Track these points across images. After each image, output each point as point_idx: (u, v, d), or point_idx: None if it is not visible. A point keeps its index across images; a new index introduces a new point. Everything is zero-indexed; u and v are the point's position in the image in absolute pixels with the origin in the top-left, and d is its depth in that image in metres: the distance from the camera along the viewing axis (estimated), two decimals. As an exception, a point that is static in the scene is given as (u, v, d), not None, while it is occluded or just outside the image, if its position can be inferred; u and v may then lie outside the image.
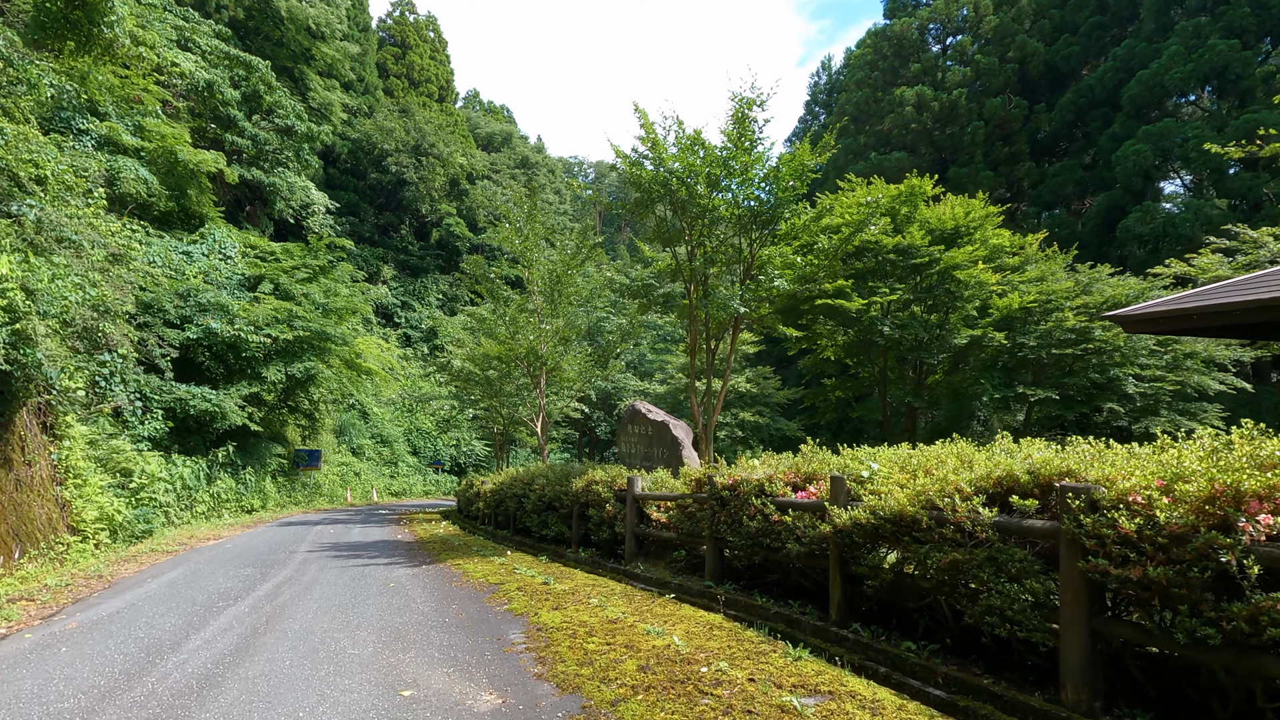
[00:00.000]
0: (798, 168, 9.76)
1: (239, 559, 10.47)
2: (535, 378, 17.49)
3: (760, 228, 10.50)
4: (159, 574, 9.31)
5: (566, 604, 6.17)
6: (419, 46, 62.37)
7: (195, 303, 18.63)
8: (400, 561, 9.85)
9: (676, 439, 12.50)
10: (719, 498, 6.53)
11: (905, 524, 4.37)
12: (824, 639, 4.97)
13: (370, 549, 11.58)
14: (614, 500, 8.70)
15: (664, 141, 10.11)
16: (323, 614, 6.27)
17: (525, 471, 12.51)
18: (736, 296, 10.25)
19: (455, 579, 8.07)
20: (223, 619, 6.16)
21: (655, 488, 8.43)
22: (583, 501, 9.39)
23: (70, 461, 11.89)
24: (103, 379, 14.98)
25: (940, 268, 15.45)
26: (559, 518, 10.39)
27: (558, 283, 17.22)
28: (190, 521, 16.36)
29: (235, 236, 24.22)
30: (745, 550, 6.18)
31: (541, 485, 10.91)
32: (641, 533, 8.19)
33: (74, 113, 21.02)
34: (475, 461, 43.59)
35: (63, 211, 15.51)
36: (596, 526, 8.99)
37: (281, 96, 34.38)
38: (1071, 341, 15.08)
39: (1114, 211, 25.80)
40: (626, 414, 14.06)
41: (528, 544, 11.38)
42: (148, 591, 7.83)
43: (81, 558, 11.03)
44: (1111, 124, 26.14)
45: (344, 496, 28.95)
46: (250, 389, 19.26)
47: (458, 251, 54.62)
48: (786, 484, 5.95)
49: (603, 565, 8.62)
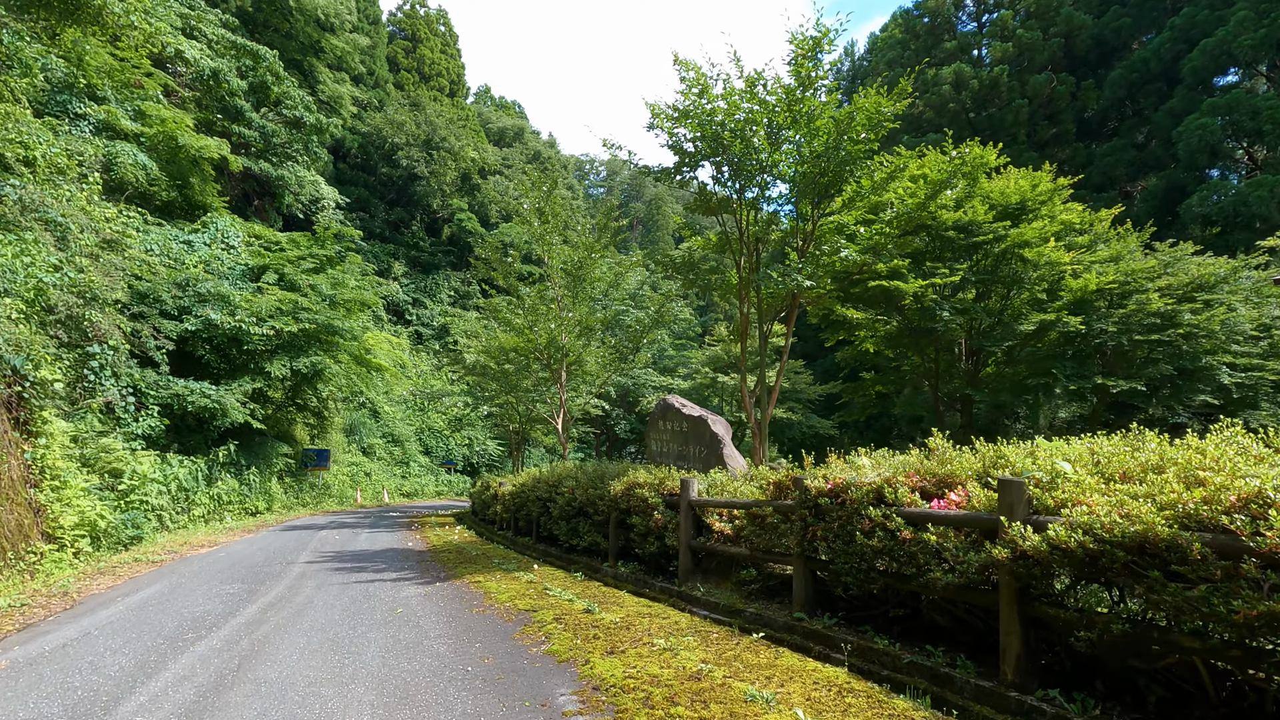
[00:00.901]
0: (873, 116, 8.30)
1: (228, 571, 9.18)
2: (555, 371, 16.13)
3: (824, 190, 9.04)
4: (133, 590, 8.04)
5: (623, 644, 4.77)
6: (429, 40, 61.39)
7: (194, 293, 17.47)
8: (410, 576, 8.51)
9: (716, 435, 11.10)
10: (813, 506, 5.11)
11: (1153, 552, 2.93)
12: (998, 708, 3.53)
13: (377, 559, 10.26)
14: (663, 507, 7.29)
15: (713, 91, 8.68)
16: (311, 653, 4.93)
17: (549, 472, 11.14)
18: (797, 269, 8.79)
19: (476, 602, 6.70)
20: (184, 660, 4.83)
21: (714, 491, 7.02)
22: (623, 508, 8.00)
23: (47, 461, 10.66)
24: (92, 372, 13.80)
25: (1006, 245, 13.89)
26: (592, 526, 9.00)
27: (579, 268, 15.84)
28: (187, 526, 15.17)
29: (239, 226, 23.10)
30: (855, 575, 4.75)
31: (570, 488, 9.53)
32: (700, 546, 6.77)
33: (71, 96, 19.96)
34: (488, 461, 42.39)
35: (51, 193, 14.39)
36: (641, 538, 7.59)
37: (290, 87, 33.36)
38: (1156, 326, 13.46)
39: (1173, 192, 23.99)
40: (657, 409, 12.67)
41: (555, 555, 10.01)
42: (111, 616, 6.54)
43: (56, 569, 9.82)
44: (1168, 99, 24.36)
45: (354, 498, 27.79)
46: (253, 385, 18.07)
47: (469, 248, 53.47)
48: (913, 490, 4.52)
49: (649, 584, 7.22)
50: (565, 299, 15.96)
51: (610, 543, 8.50)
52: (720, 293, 10.32)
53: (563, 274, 16.25)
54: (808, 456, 5.92)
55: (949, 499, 4.31)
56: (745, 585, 6.36)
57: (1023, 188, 14.75)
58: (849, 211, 9.55)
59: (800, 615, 5.22)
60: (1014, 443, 4.68)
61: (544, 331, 15.20)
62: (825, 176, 8.79)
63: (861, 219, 9.60)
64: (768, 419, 9.42)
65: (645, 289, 27.89)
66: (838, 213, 9.57)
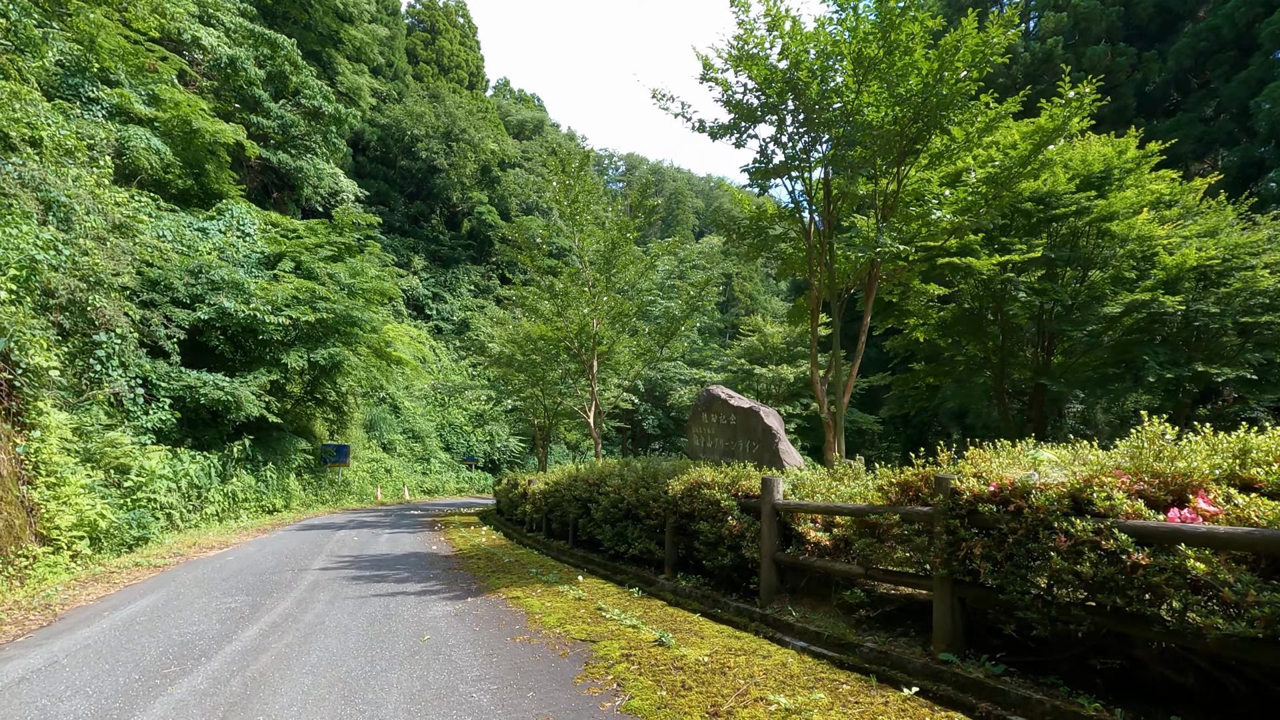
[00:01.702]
0: (978, 48, 6.99)
1: (233, 579, 8.18)
2: (586, 361, 14.99)
3: (911, 142, 7.74)
4: (124, 602, 7.05)
5: (725, 699, 3.57)
6: (448, 31, 60.65)
7: (207, 280, 16.62)
8: (437, 589, 7.41)
9: (769, 429, 9.85)
10: (966, 515, 3.87)
11: None
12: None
13: (399, 566, 9.20)
14: (738, 511, 6.08)
15: (784, 27, 7.41)
16: (315, 702, 3.82)
17: (589, 469, 9.99)
18: (883, 232, 7.49)
19: (517, 625, 5.56)
20: (156, 710, 3.75)
21: (802, 493, 5.80)
22: (684, 511, 6.80)
23: (42, 455, 9.76)
24: (98, 361, 12.97)
25: (1091, 218, 12.44)
26: (643, 531, 7.82)
27: (612, 249, 14.66)
28: (199, 525, 14.31)
29: (255, 213, 22.31)
30: (1041, 611, 3.51)
31: (616, 487, 8.37)
32: (789, 561, 5.56)
33: (83, 80, 19.27)
34: (509, 458, 41.49)
35: (54, 173, 13.58)
36: (709, 547, 6.39)
37: (308, 77, 32.68)
38: (1266, 305, 11.93)
39: (1249, 168, 22.12)
40: (700, 400, 11.47)
41: (597, 563, 8.86)
42: (89, 637, 5.52)
43: (50, 574, 8.92)
44: (1242, 68, 22.48)
45: (374, 495, 26.98)
46: (269, 377, 17.19)
47: (489, 241, 52.68)
48: (1130, 495, 3.26)
49: (721, 603, 6.03)
50: (598, 283, 14.80)
51: (666, 552, 7.32)
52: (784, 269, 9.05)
53: (595, 255, 15.10)
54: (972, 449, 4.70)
55: (1196, 508, 3.05)
56: (850, 610, 5.13)
57: (1106, 155, 13.24)
58: (931, 170, 8.23)
59: (948, 657, 3.98)
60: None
61: (575, 318, 14.06)
62: (917, 123, 7.49)
63: (946, 181, 8.28)
64: (843, 411, 8.15)
65: (674, 280, 26.64)
66: (921, 171, 8.25)
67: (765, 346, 21.87)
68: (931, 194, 8.16)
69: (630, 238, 14.67)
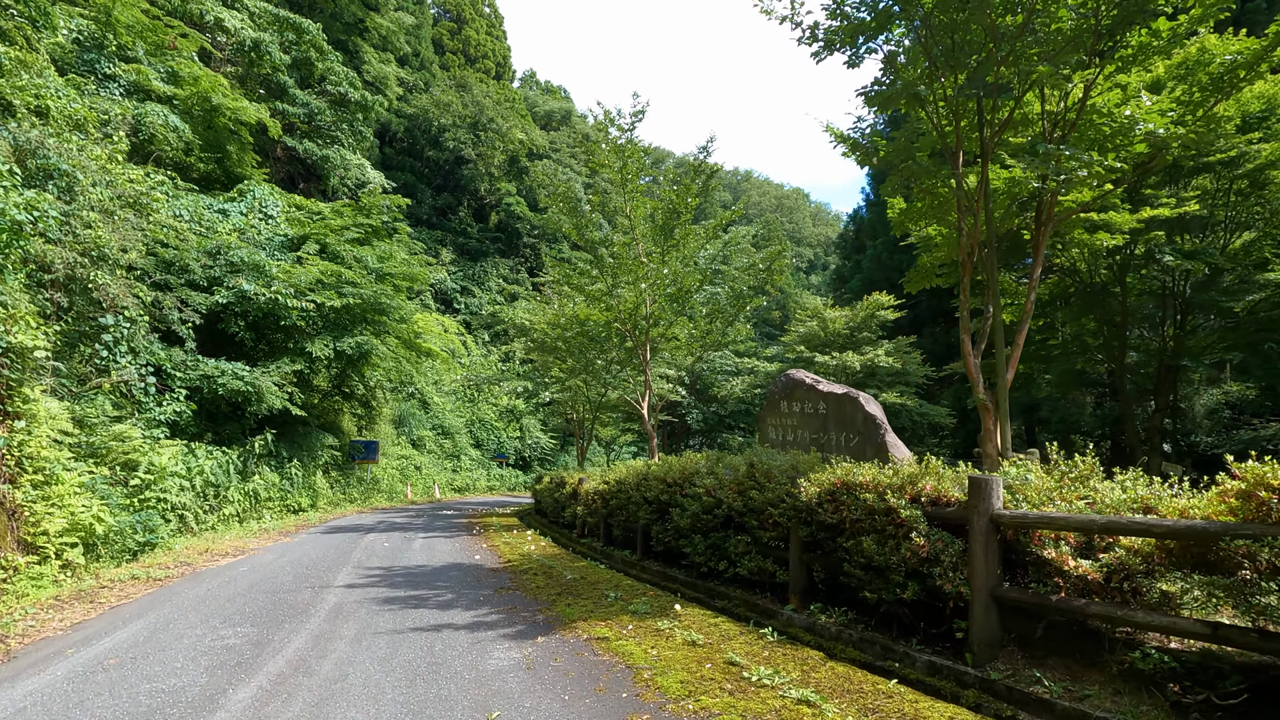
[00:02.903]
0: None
1: (240, 599, 6.64)
2: (640, 344, 13.27)
3: (1099, 40, 5.83)
4: (101, 634, 5.53)
5: None
6: (475, 21, 59.56)
7: (226, 261, 15.32)
8: (493, 620, 5.75)
9: (872, 418, 8.09)
10: None
11: None
12: None
13: (439, 583, 7.59)
14: (924, 523, 4.27)
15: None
16: None
17: (663, 466, 8.27)
18: (1058, 154, 5.61)
19: (625, 695, 3.83)
20: None
21: (1026, 498, 3.98)
22: (824, 522, 5.02)
23: (29, 450, 8.38)
24: (105, 346, 11.67)
25: (1254, 165, 10.32)
26: (755, 545, 6.06)
27: (672, 215, 12.91)
28: (215, 527, 12.97)
29: (278, 195, 21.09)
30: None
31: (709, 487, 6.62)
32: (1024, 602, 3.74)
33: (99, 56, 18.19)
34: (540, 455, 40.06)
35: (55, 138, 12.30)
36: (875, 574, 4.59)
37: (334, 63, 31.63)
38: None
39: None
40: (778, 387, 9.69)
41: (681, 581, 7.13)
42: (33, 692, 3.97)
43: (34, 588, 7.54)
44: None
45: (404, 493, 25.69)
46: (293, 367, 15.83)
47: (518, 234, 51.37)
48: None
49: (896, 653, 4.25)
50: (652, 257, 13.06)
51: (792, 574, 5.55)
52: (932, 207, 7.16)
53: (648, 228, 13.37)
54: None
55: None
56: (1146, 681, 3.30)
57: (1265, 92, 11.06)
58: (1126, 74, 6.31)
59: None
60: None
61: (630, 295, 12.36)
62: (1113, 12, 5.59)
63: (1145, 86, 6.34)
64: (1007, 389, 6.27)
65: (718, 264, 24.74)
66: (1106, 81, 6.33)
67: (826, 332, 19.92)
68: (1123, 102, 6.24)
69: (691, 204, 12.90)
